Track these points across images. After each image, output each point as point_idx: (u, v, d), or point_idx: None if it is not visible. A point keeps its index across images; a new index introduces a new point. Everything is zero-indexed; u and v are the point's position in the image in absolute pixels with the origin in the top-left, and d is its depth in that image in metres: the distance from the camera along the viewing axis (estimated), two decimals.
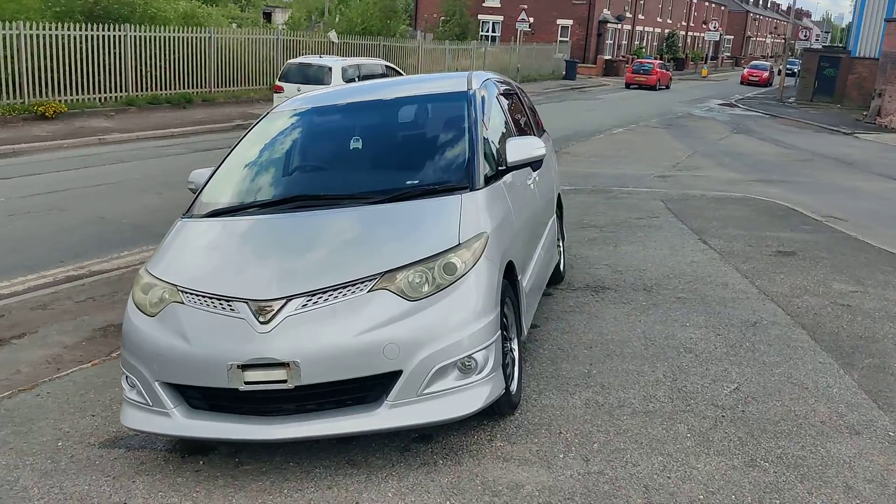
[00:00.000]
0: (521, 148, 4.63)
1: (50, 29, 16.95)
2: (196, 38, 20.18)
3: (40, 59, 16.73)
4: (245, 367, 3.54)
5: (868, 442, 3.82)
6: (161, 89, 19.59)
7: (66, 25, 17.18)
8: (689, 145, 18.65)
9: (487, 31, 47.03)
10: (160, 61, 19.28)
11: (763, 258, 7.69)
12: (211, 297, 3.72)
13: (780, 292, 6.48)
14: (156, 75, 19.43)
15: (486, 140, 4.63)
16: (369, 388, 3.59)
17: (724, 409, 4.20)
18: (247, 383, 3.55)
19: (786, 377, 4.63)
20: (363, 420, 3.56)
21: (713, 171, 14.86)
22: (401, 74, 20.90)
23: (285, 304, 3.60)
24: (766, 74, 49.07)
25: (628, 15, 52.53)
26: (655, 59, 45.08)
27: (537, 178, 5.65)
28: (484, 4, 46.90)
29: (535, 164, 4.84)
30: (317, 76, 17.25)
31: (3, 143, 14.31)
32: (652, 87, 38.56)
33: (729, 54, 77.80)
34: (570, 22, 47.16)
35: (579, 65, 42.03)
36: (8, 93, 16.54)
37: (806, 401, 4.30)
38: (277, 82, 18.16)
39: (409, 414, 3.58)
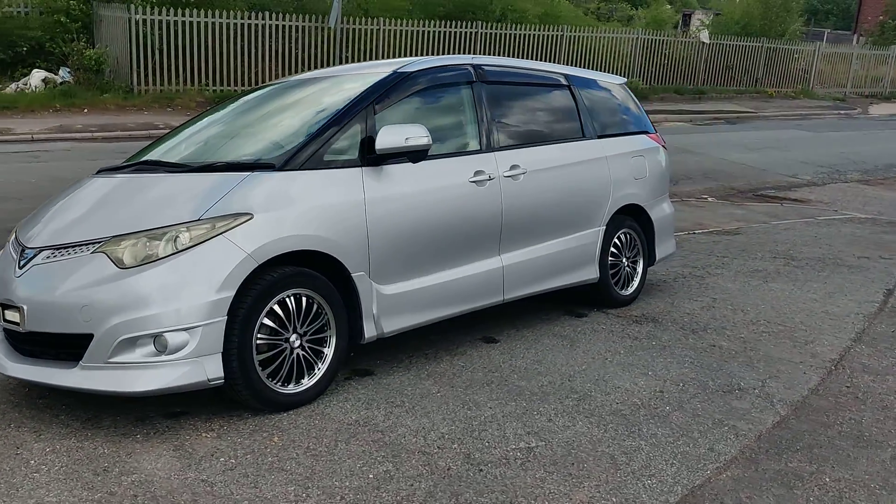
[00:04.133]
0: (390, 136, 4.23)
1: (405, 25, 18.87)
2: (547, 35, 20.72)
3: (395, 52, 18.73)
4: (3, 305, 3.90)
5: None
6: None
7: (421, 21, 18.96)
8: None
9: None
10: (509, 56, 20.22)
11: None
12: (15, 240, 4.15)
13: (864, 365, 4.89)
14: None
15: (360, 125, 4.32)
16: (82, 346, 3.68)
17: (464, 463, 3.43)
18: (5, 320, 3.91)
19: (599, 454, 3.59)
20: (60, 375, 3.69)
21: None
22: None
23: (37, 253, 3.87)
24: None
25: None
26: None
27: (523, 179, 5.04)
28: None
29: (415, 155, 4.36)
30: None
31: None
32: None
33: None
34: None
35: None
36: None
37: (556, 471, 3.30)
38: None
39: (94, 379, 3.61)
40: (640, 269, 6.19)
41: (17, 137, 13.47)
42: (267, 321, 3.84)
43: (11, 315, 3.85)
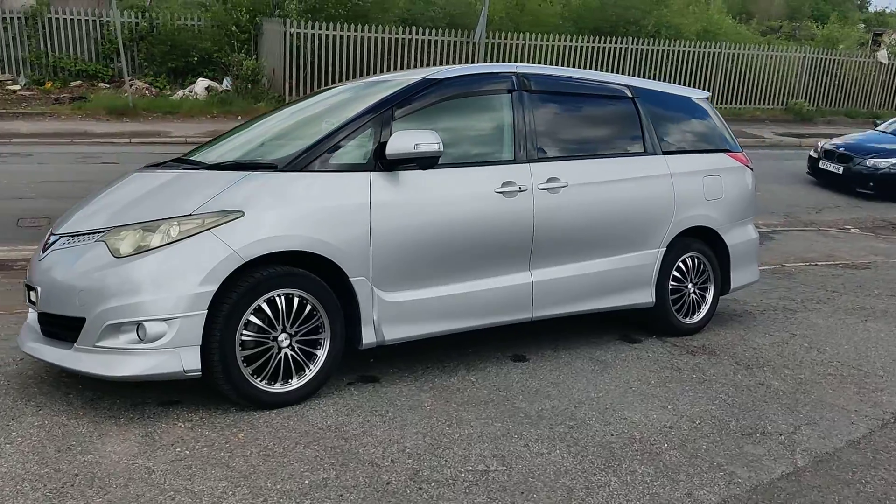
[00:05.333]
0: (401, 141, 4.19)
1: (552, 40, 18.71)
2: (701, 52, 19.87)
3: None
4: (27, 286, 4.20)
5: None
6: None
7: (568, 37, 18.74)
8: None
9: None
10: (658, 73, 19.59)
11: None
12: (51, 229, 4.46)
13: None
14: None
15: (375, 130, 4.31)
16: (78, 329, 3.88)
17: (408, 479, 3.30)
18: (29, 301, 4.21)
19: (558, 486, 3.33)
20: (57, 355, 3.91)
21: None
22: None
23: (57, 239, 4.14)
24: None
25: None
26: None
27: (562, 193, 4.85)
28: None
29: (425, 162, 4.28)
30: None
31: None
32: None
33: None
34: None
35: None
36: None
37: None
38: None
39: (84, 361, 3.79)
40: (709, 297, 5.76)
41: (171, 140, 14.51)
42: (253, 318, 3.88)
43: (33, 296, 4.12)
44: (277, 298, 3.93)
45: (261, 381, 3.93)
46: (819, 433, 4.02)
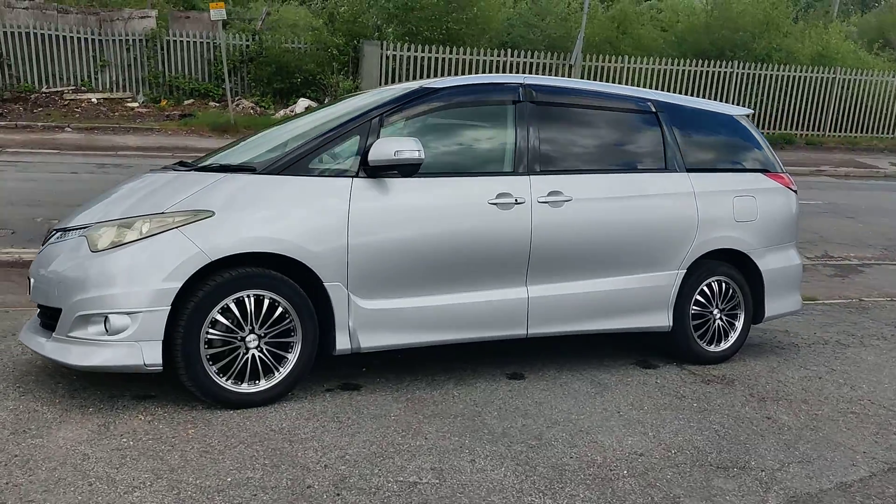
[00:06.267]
0: (383, 147, 4.18)
1: (651, 63, 18.31)
2: (813, 77, 18.93)
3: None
4: (28, 278, 4.43)
5: None
6: (761, 127, 19.04)
7: (668, 60, 18.29)
8: None
9: None
10: (765, 98, 18.80)
11: None
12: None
13: None
14: (757, 111, 18.97)
15: (361, 137, 4.31)
16: (57, 319, 4.04)
17: (330, 484, 3.23)
18: (30, 292, 4.43)
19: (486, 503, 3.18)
20: (39, 343, 4.07)
21: None
22: None
23: (54, 234, 4.34)
24: None
25: None
26: None
27: (565, 207, 4.70)
28: None
29: (406, 169, 4.24)
30: None
31: None
32: None
33: None
34: None
35: None
36: None
37: None
38: None
39: (58, 350, 3.93)
40: (739, 324, 5.43)
41: None
42: (220, 317, 3.92)
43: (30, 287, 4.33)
44: (246, 299, 3.96)
45: (227, 380, 3.96)
46: (808, 472, 3.69)
